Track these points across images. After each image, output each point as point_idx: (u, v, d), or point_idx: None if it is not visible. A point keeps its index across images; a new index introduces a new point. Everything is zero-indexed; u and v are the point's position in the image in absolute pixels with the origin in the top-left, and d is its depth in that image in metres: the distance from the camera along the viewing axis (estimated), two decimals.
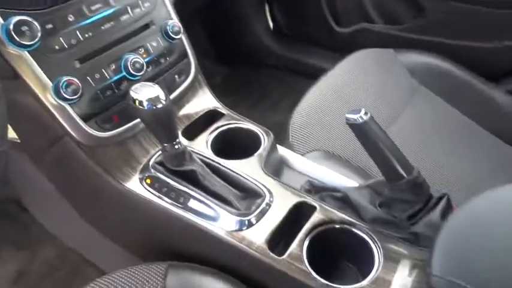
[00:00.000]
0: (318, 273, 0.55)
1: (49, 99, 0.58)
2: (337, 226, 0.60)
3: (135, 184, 0.64)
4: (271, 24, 1.47)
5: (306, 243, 0.57)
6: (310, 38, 1.38)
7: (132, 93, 0.56)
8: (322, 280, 0.54)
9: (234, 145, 0.72)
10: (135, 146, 0.67)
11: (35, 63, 0.56)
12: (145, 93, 0.56)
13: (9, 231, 0.98)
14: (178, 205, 0.61)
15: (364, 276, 0.56)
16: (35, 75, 0.57)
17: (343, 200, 0.65)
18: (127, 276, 0.56)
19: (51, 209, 0.90)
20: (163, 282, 0.55)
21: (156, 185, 0.63)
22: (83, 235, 0.83)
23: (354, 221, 0.60)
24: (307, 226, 0.59)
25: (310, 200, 0.63)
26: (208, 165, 0.65)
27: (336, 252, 0.62)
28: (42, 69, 0.57)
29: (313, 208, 0.62)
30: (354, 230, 0.59)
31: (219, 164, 0.66)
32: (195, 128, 0.73)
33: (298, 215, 0.62)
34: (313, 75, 0.99)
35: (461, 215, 0.45)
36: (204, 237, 0.59)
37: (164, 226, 0.64)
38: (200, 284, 0.57)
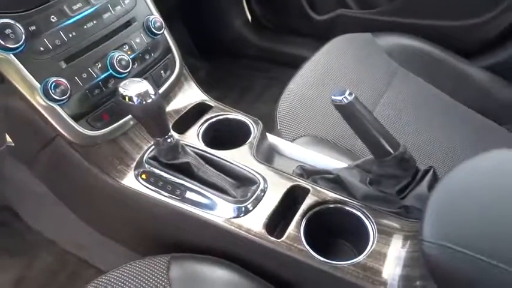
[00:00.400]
0: (316, 253, 0.57)
1: (39, 101, 0.58)
2: (331, 206, 0.62)
3: (130, 180, 0.64)
4: (249, 17, 1.47)
5: (303, 224, 0.59)
6: (289, 28, 1.39)
7: (121, 90, 0.56)
8: (321, 258, 0.56)
9: (225, 136, 0.73)
10: (128, 142, 0.68)
11: (21, 66, 0.56)
12: (134, 88, 0.56)
13: (2, 239, 0.97)
14: (176, 197, 0.62)
15: (360, 253, 0.58)
16: (22, 78, 0.57)
17: (334, 181, 0.68)
18: (130, 271, 0.57)
19: (46, 214, 0.90)
20: (167, 275, 0.56)
21: (152, 179, 0.64)
22: (81, 237, 0.83)
23: (346, 199, 0.62)
24: (303, 208, 0.61)
25: (303, 183, 0.64)
26: (201, 156, 0.66)
27: (332, 231, 0.64)
28: (29, 71, 0.57)
29: (307, 190, 0.63)
30: (347, 208, 0.62)
31: (212, 154, 0.67)
32: (184, 122, 0.74)
33: (292, 198, 0.63)
34: (295, 64, 1.01)
35: (445, 185, 0.48)
36: (203, 227, 0.60)
37: (163, 219, 0.65)
38: (203, 273, 0.58)
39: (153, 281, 0.55)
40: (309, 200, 0.62)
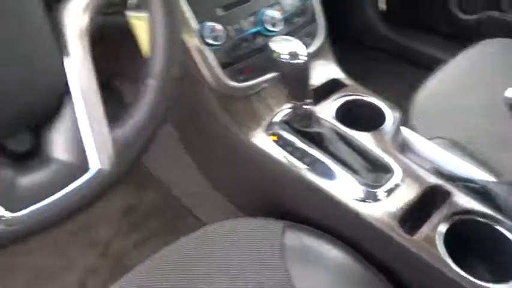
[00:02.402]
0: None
1: (193, 42, 0.59)
2: (481, 219, 0.54)
3: (260, 140, 0.63)
4: (384, 7, 1.39)
5: (444, 228, 0.52)
6: (426, 24, 1.29)
7: (272, 45, 0.55)
8: (461, 271, 0.49)
9: (357, 117, 0.68)
10: (260, 103, 0.67)
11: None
12: (286, 46, 0.54)
13: None
14: (304, 166, 0.59)
15: (498, 278, 0.50)
16: (182, 17, 0.58)
17: (479, 191, 0.59)
18: (246, 224, 0.56)
19: (163, 155, 0.92)
20: (281, 239, 0.54)
21: (281, 142, 0.61)
22: (191, 185, 0.84)
23: (500, 218, 0.54)
24: (445, 212, 0.54)
25: (446, 184, 0.57)
26: (335, 131, 0.62)
27: (467, 243, 0.56)
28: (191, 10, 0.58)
29: (448, 194, 0.56)
30: (498, 227, 0.53)
31: (346, 132, 0.63)
32: (319, 94, 0.70)
33: (431, 197, 0.57)
34: (425, 63, 0.93)
35: None
36: (327, 202, 0.57)
37: (285, 185, 0.62)
38: (318, 250, 0.54)
39: (266, 240, 0.53)
40: (452, 205, 0.55)
